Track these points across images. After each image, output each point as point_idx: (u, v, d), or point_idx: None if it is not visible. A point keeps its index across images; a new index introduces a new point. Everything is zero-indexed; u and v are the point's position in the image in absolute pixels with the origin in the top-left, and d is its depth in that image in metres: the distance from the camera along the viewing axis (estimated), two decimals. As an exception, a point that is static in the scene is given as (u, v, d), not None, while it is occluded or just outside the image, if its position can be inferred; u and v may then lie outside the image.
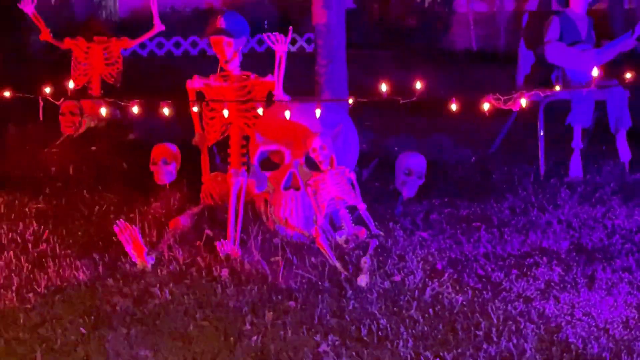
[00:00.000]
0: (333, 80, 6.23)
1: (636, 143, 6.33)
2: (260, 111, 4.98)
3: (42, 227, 4.88)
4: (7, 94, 4.97)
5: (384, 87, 4.35)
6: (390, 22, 14.74)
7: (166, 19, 12.94)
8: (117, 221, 4.47)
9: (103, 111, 6.42)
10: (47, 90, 5.13)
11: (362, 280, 4.22)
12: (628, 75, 4.50)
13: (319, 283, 4.21)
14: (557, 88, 5.64)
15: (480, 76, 11.00)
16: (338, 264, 4.41)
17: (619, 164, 6.22)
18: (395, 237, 4.85)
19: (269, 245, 4.66)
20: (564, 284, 4.21)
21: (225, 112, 5.08)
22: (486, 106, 4.29)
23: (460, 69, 11.53)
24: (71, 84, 6.83)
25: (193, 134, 5.47)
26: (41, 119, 4.71)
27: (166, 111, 4.90)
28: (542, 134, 6.21)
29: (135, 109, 4.92)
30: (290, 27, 5.30)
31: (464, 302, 3.98)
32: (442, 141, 7.09)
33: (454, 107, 4.49)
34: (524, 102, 4.31)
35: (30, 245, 4.64)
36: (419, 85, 4.32)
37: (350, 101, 4.74)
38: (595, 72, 4.45)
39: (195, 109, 5.40)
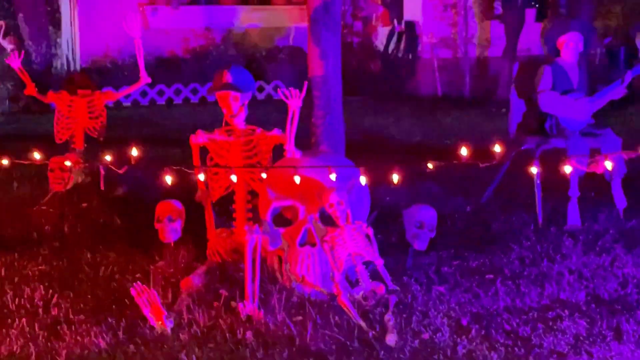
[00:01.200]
0: (330, 131, 6.20)
1: (629, 189, 6.42)
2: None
3: (50, 290, 4.70)
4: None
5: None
6: (353, 67, 14.84)
7: (130, 68, 12.90)
8: (134, 284, 4.33)
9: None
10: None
11: (391, 339, 4.15)
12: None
13: (348, 343, 4.13)
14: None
15: (450, 121, 11.15)
16: (362, 323, 4.34)
17: (615, 211, 6.29)
18: (413, 292, 4.80)
19: (288, 304, 4.56)
20: (592, 338, 4.20)
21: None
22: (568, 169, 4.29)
23: (428, 113, 11.65)
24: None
25: (190, 189, 5.39)
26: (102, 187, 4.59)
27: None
28: (538, 182, 6.26)
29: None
30: (306, 82, 5.27)
31: (500, 360, 3.94)
32: (430, 189, 7.09)
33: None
34: (609, 164, 4.35)
35: (40, 311, 4.46)
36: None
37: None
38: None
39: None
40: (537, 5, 14.27)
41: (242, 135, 5.31)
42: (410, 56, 13.79)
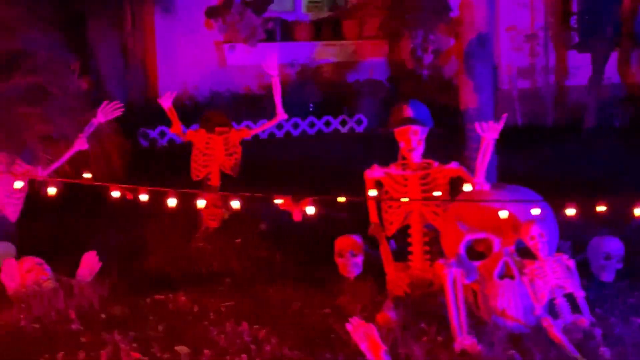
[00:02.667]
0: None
1: None
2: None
3: (255, 326, 4.72)
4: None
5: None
6: (425, 100, 14.87)
7: (208, 104, 12.96)
8: (350, 319, 4.34)
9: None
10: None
11: (616, 372, 4.13)
12: None
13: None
14: None
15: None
16: (580, 356, 4.31)
17: None
18: (611, 324, 4.77)
19: (492, 337, 4.54)
20: None
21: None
22: None
23: (531, 144, 11.43)
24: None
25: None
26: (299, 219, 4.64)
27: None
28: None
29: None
30: (505, 115, 5.29)
31: None
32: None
33: None
34: None
35: (253, 347, 4.47)
36: None
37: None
38: None
39: (372, 195, 5.35)
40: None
41: (419, 168, 5.34)
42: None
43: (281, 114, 7.23)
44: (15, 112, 6.11)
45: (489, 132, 5.01)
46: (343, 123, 13.24)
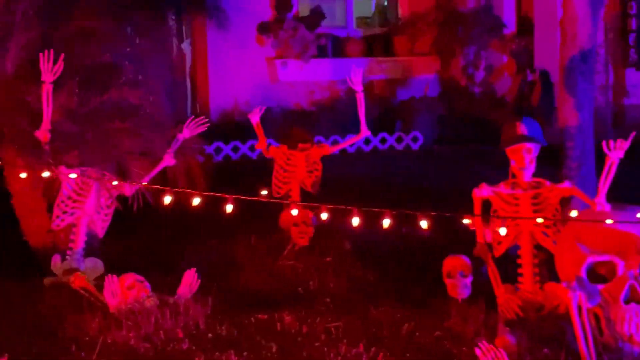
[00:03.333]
0: (584, 183, 6.04)
1: None
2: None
3: (372, 348, 4.58)
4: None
5: None
6: (476, 117, 14.75)
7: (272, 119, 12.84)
8: (479, 344, 4.19)
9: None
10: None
11: None
12: None
13: None
14: None
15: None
16: None
17: None
18: None
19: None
20: None
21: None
22: None
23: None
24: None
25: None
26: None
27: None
28: None
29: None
30: (633, 133, 5.15)
31: None
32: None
33: None
34: None
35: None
36: None
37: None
38: None
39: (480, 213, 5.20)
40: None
41: (529, 187, 5.19)
42: (544, 105, 13.64)
43: (365, 131, 7.11)
44: (107, 127, 6.04)
45: (615, 151, 4.85)
46: (399, 140, 13.11)
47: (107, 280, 5.21)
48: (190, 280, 5.35)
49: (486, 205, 5.26)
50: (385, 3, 15.54)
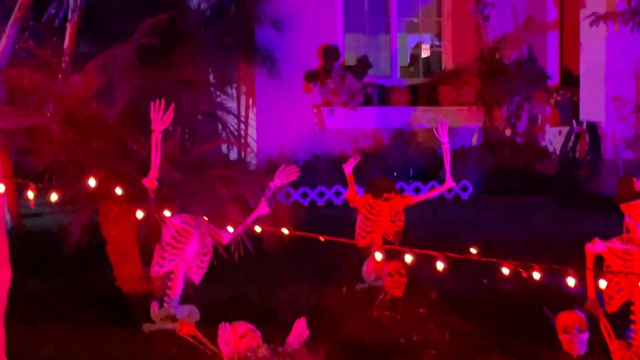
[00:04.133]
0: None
1: None
2: None
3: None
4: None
5: None
6: (519, 167, 14.78)
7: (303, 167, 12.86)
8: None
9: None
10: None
11: None
12: None
13: None
14: None
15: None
16: None
17: None
18: None
19: None
20: None
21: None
22: None
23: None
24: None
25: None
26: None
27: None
28: None
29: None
30: None
31: None
32: None
33: None
34: None
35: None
36: None
37: None
38: None
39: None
40: None
41: (643, 242, 5.20)
42: (590, 157, 13.69)
43: (449, 182, 7.15)
44: (209, 175, 6.09)
45: None
46: (449, 189, 13.15)
47: (220, 329, 5.21)
48: (300, 329, 5.34)
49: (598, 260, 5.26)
50: (429, 54, 15.70)
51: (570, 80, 14.88)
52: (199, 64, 6.56)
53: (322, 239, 4.68)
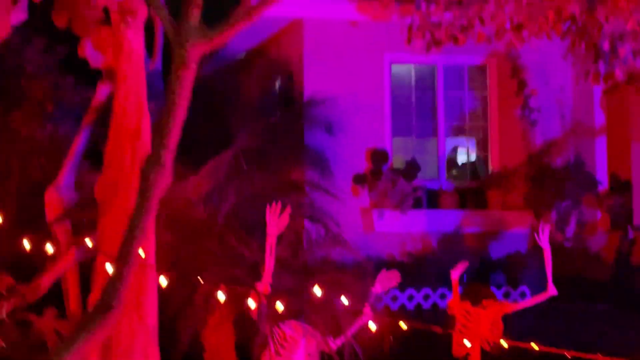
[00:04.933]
0: None
1: None
2: None
3: None
4: None
5: None
6: (569, 274, 14.54)
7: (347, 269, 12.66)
8: None
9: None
10: None
11: None
12: None
13: None
14: None
15: None
16: None
17: None
18: None
19: None
20: None
21: None
22: None
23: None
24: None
25: None
26: None
27: None
28: None
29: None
30: None
31: None
32: None
33: None
34: None
35: None
36: None
37: None
38: None
39: None
40: None
41: None
42: (647, 263, 13.48)
43: (552, 289, 6.97)
44: (320, 280, 5.93)
45: None
46: (506, 295, 12.89)
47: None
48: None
49: None
50: (476, 157, 15.69)
51: (618, 185, 14.80)
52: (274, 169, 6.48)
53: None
